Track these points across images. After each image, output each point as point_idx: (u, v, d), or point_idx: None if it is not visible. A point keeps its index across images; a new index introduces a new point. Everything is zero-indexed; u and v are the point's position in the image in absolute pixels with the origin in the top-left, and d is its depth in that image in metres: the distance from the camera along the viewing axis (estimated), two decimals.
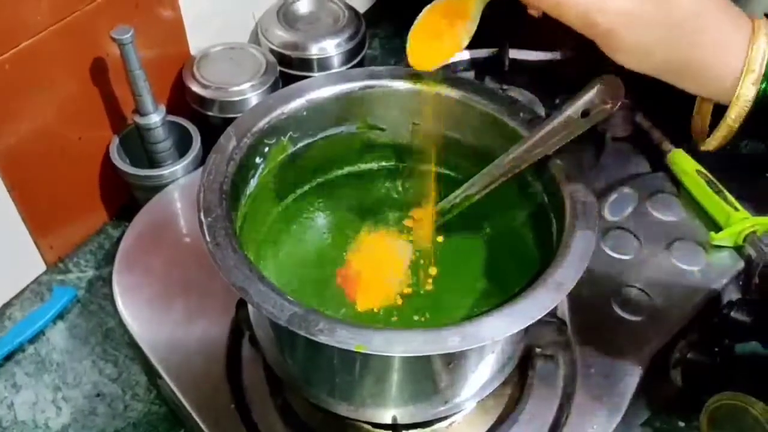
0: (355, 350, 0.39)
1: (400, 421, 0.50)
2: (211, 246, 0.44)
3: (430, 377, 0.47)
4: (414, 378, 0.47)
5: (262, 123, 0.52)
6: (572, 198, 0.47)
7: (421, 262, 0.54)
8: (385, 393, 0.48)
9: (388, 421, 0.50)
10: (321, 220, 0.57)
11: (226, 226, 0.45)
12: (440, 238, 0.55)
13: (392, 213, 0.58)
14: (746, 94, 0.40)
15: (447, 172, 0.59)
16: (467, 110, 0.54)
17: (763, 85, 0.40)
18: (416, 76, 0.55)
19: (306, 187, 0.58)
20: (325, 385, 0.50)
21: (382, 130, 0.57)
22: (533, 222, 0.53)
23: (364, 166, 0.59)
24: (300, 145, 0.55)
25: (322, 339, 0.39)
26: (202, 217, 0.45)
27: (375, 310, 0.51)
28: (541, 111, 0.73)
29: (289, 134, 0.54)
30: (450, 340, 0.40)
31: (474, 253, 0.55)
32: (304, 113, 0.54)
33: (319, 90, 0.54)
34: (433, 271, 0.53)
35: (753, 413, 0.58)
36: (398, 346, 0.40)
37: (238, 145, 0.50)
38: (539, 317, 0.41)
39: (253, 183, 0.52)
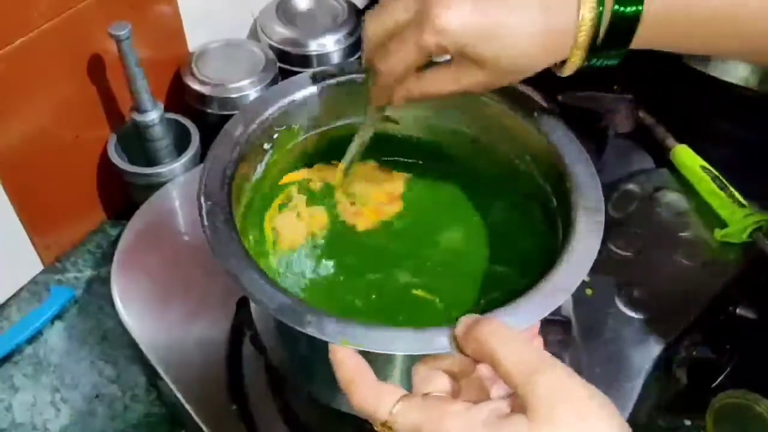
0: (341, 344, 0.39)
1: None
2: (208, 230, 0.43)
3: None
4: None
5: (273, 109, 0.51)
6: (578, 198, 0.47)
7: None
8: None
9: None
10: (326, 209, 0.57)
11: (226, 211, 0.44)
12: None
13: (399, 209, 0.57)
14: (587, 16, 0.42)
15: (455, 165, 0.58)
16: (477, 104, 0.53)
17: (600, 8, 0.42)
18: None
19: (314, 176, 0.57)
20: (327, 379, 0.49)
21: (396, 122, 0.56)
22: (539, 221, 0.52)
23: (376, 158, 0.58)
24: (311, 133, 0.54)
25: (310, 331, 0.39)
26: (202, 201, 0.45)
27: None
28: None
29: (299, 122, 0.53)
30: (441, 340, 0.39)
31: (478, 252, 0.54)
32: (316, 101, 0.53)
33: (331, 79, 0.53)
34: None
35: (758, 411, 0.58)
36: (387, 343, 0.39)
37: (245, 130, 0.49)
38: (540, 319, 0.41)
39: (259, 170, 0.52)
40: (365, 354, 0.39)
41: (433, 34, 0.42)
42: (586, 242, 0.44)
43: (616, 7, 0.41)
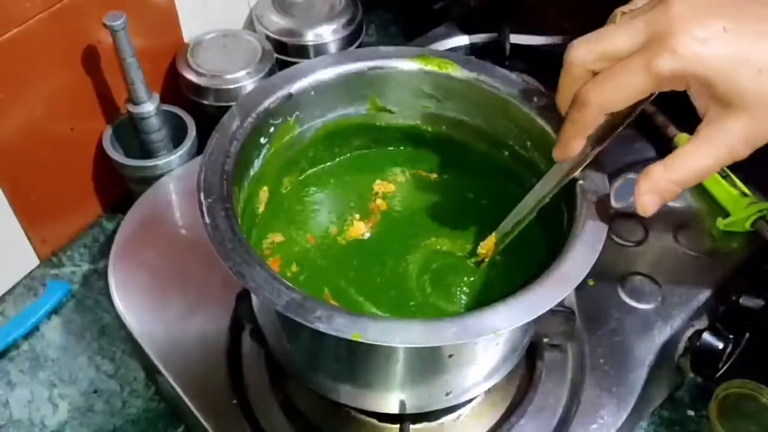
0: (352, 339, 0.38)
1: (407, 411, 0.49)
2: (210, 228, 0.43)
3: (431, 368, 0.46)
4: (416, 368, 0.46)
5: (268, 102, 0.50)
6: (584, 188, 0.46)
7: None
8: (390, 382, 0.47)
9: (395, 410, 0.49)
10: (327, 203, 0.56)
11: (227, 207, 0.44)
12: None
13: (398, 199, 0.56)
14: None
15: (456, 156, 0.57)
16: (479, 94, 0.53)
17: None
18: (426, 57, 0.53)
19: (313, 169, 0.57)
20: (330, 373, 0.49)
21: (392, 112, 0.56)
22: (544, 211, 0.51)
23: (372, 149, 0.58)
24: (307, 125, 0.54)
25: (319, 327, 0.39)
26: (202, 198, 0.44)
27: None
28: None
29: (295, 114, 0.53)
30: (449, 332, 0.39)
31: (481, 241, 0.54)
32: (312, 93, 0.52)
33: (327, 69, 0.53)
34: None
35: (762, 401, 0.57)
36: (396, 336, 0.39)
37: (241, 124, 0.49)
38: (543, 312, 0.40)
39: (257, 164, 0.51)
40: (372, 347, 0.39)
41: (670, 58, 0.36)
42: (592, 230, 0.44)
43: None
